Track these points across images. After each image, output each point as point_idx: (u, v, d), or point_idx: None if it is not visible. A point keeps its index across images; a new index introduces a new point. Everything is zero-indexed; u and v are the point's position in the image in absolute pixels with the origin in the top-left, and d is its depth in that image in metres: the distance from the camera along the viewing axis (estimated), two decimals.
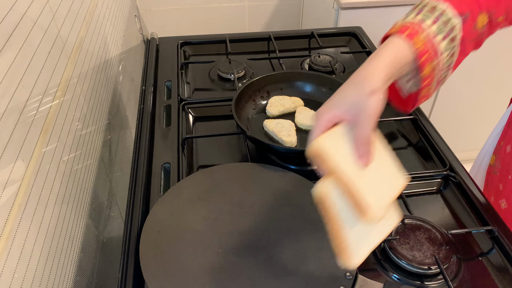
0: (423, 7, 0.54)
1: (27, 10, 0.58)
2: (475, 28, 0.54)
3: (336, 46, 1.19)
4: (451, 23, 0.52)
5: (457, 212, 0.72)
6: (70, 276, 0.63)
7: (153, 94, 0.97)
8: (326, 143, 0.46)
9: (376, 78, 0.46)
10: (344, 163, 0.45)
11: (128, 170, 0.79)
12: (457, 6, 0.53)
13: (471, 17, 0.54)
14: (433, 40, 0.52)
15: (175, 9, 1.83)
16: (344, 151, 0.46)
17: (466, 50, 0.55)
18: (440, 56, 0.52)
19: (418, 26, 0.52)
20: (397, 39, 0.51)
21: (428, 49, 0.51)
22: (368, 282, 0.55)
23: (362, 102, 0.46)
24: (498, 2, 0.55)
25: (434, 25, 0.52)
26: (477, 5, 0.54)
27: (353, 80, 0.48)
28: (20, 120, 0.52)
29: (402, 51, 0.50)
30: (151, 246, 0.58)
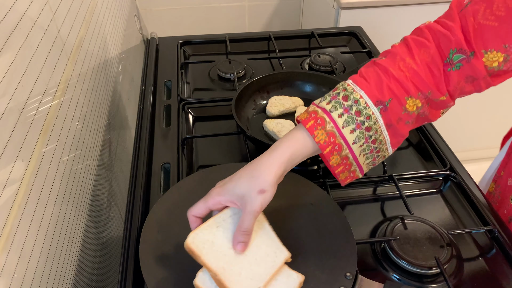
0: (338, 94, 0.53)
1: (27, 10, 0.58)
2: (406, 111, 0.52)
3: (336, 46, 1.19)
4: (366, 113, 0.51)
5: (457, 212, 0.72)
6: (70, 276, 0.63)
7: (153, 94, 0.97)
8: (197, 240, 0.51)
9: (267, 178, 0.50)
10: (213, 258, 0.50)
11: (128, 170, 0.79)
12: (375, 94, 0.51)
13: (395, 103, 0.52)
14: (340, 131, 0.51)
15: (175, 9, 1.83)
16: (220, 241, 0.51)
17: (402, 131, 0.54)
18: (351, 145, 0.52)
19: (325, 117, 0.52)
20: (301, 130, 0.52)
21: (332, 141, 0.51)
22: (368, 282, 0.55)
23: (250, 198, 0.50)
24: (436, 83, 0.52)
25: (343, 116, 0.51)
26: (403, 91, 0.52)
27: (249, 172, 0.51)
28: (20, 120, 0.52)
29: (304, 144, 0.52)
30: (151, 246, 0.58)
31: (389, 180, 0.75)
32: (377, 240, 0.65)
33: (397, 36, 1.73)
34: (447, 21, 0.52)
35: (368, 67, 0.54)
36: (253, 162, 0.52)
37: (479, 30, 0.50)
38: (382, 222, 0.69)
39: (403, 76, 0.51)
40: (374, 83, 0.52)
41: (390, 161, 0.81)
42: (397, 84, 0.51)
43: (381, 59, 0.54)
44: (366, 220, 0.70)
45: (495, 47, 0.49)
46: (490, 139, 2.05)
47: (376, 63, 0.54)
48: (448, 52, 0.51)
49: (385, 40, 1.42)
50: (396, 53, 0.53)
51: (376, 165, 0.57)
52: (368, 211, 0.72)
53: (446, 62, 0.52)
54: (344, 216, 0.62)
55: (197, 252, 0.50)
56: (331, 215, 0.63)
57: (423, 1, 1.49)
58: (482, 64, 0.50)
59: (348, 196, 0.74)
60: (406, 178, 0.76)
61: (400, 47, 0.54)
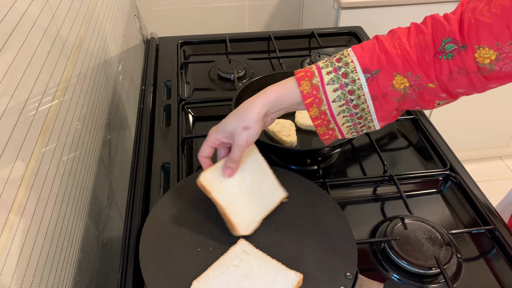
0: (334, 56, 0.57)
1: (27, 10, 0.58)
2: (393, 87, 0.54)
3: (336, 45, 1.19)
4: (351, 76, 0.54)
5: (457, 212, 0.72)
6: (70, 276, 0.63)
7: (153, 94, 0.97)
8: (208, 178, 0.60)
9: (251, 116, 0.57)
10: (220, 194, 0.60)
11: (128, 170, 0.79)
12: (364, 61, 0.54)
13: (382, 76, 0.54)
14: (324, 87, 0.55)
15: (175, 9, 1.83)
16: (227, 180, 0.61)
17: (388, 107, 0.56)
18: (331, 102, 0.55)
19: (315, 71, 0.55)
20: (291, 79, 0.57)
21: (314, 94, 0.55)
22: (368, 282, 0.55)
23: (237, 134, 0.58)
24: (425, 69, 0.53)
25: (330, 74, 0.55)
26: (392, 66, 0.54)
27: (236, 112, 0.58)
28: (20, 120, 0.52)
29: (290, 91, 0.57)
30: (150, 246, 0.58)
31: (389, 180, 0.75)
32: (377, 240, 0.65)
33: None
34: (449, 14, 0.54)
35: (370, 40, 0.57)
36: (242, 103, 0.59)
37: (474, 25, 0.50)
38: (382, 222, 0.69)
39: (394, 52, 0.53)
40: (367, 52, 0.55)
41: (390, 161, 0.81)
42: (387, 58, 0.54)
43: (383, 35, 0.57)
44: (366, 220, 0.70)
45: (488, 44, 0.50)
46: (491, 139, 2.05)
47: (377, 37, 0.56)
48: (441, 40, 0.52)
49: None
50: (396, 32, 0.56)
51: (360, 133, 0.59)
52: (368, 211, 0.72)
53: (439, 50, 0.53)
54: (344, 216, 0.62)
55: (208, 188, 0.59)
56: (331, 215, 0.63)
57: (423, 1, 1.50)
58: (473, 58, 0.51)
59: (348, 196, 0.74)
60: (406, 178, 0.76)
61: (402, 29, 0.56)
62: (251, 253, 0.57)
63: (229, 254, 0.57)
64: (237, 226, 0.58)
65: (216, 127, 0.60)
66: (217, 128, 0.60)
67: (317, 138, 0.81)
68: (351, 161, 0.82)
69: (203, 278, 0.54)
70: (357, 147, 0.85)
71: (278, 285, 0.53)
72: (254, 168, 0.64)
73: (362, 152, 0.83)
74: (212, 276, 0.54)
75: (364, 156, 0.83)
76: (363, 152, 0.84)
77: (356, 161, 0.82)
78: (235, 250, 0.57)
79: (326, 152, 0.78)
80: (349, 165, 0.81)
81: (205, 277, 0.54)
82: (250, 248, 0.57)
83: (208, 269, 0.55)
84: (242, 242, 0.58)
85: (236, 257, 0.56)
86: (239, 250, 0.57)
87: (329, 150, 0.75)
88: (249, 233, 0.59)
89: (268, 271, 0.55)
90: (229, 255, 0.56)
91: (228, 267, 0.55)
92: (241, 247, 0.57)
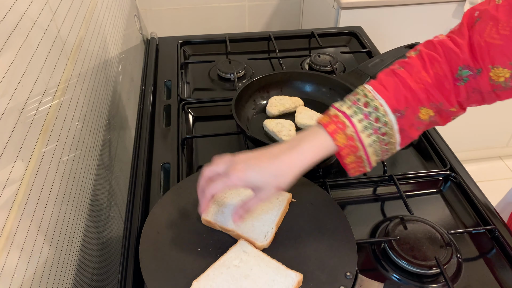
0: (358, 100, 0.56)
1: (27, 10, 0.58)
2: (419, 119, 0.57)
3: (336, 46, 1.19)
4: (383, 120, 0.55)
5: (457, 212, 0.72)
6: (70, 276, 0.63)
7: (153, 94, 0.97)
8: (210, 213, 0.62)
9: (289, 180, 0.54)
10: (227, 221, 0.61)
11: (128, 170, 0.79)
12: (393, 103, 0.55)
13: (410, 112, 0.56)
14: (359, 135, 0.55)
15: (175, 9, 1.83)
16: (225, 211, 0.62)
17: (412, 135, 0.58)
18: (367, 147, 0.55)
19: (346, 121, 0.55)
20: (322, 133, 0.55)
21: (351, 144, 0.55)
22: (368, 281, 0.55)
23: (267, 190, 0.54)
24: (447, 96, 0.56)
25: (363, 122, 0.55)
26: (417, 101, 0.55)
27: (272, 170, 0.54)
28: (20, 120, 0.52)
29: (326, 147, 0.55)
30: (150, 247, 0.58)
31: (389, 180, 0.75)
32: (377, 240, 0.65)
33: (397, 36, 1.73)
34: (457, 38, 0.56)
35: (388, 76, 0.57)
36: (275, 157, 0.54)
37: (485, 48, 0.53)
38: (382, 222, 0.69)
39: (418, 88, 0.55)
40: (393, 92, 0.55)
41: (390, 161, 0.81)
42: (413, 95, 0.55)
43: (400, 69, 0.57)
44: (366, 220, 0.70)
45: (501, 64, 0.52)
46: (491, 139, 2.05)
47: (395, 73, 0.57)
48: (457, 68, 0.55)
49: (385, 40, 1.43)
50: (414, 65, 0.56)
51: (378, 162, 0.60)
52: (368, 211, 0.72)
53: (456, 77, 0.55)
54: (344, 216, 0.62)
55: (213, 222, 0.61)
56: (331, 215, 0.63)
57: (423, 1, 1.49)
58: (488, 79, 0.54)
59: (348, 196, 0.74)
60: (406, 178, 0.76)
61: (416, 59, 0.57)
62: (251, 253, 0.57)
63: (229, 254, 0.57)
64: (255, 241, 0.58)
65: (243, 175, 0.53)
66: (244, 177, 0.53)
67: None
68: None
69: (203, 278, 0.54)
70: None
71: (278, 285, 0.53)
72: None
73: None
74: (212, 276, 0.54)
75: None
76: None
77: None
78: (235, 250, 0.57)
79: None
80: None
81: (205, 277, 0.54)
82: (250, 248, 0.58)
83: (208, 269, 0.55)
84: (242, 242, 0.58)
85: (236, 257, 0.56)
86: (239, 250, 0.57)
87: None
88: (268, 244, 0.58)
89: (268, 271, 0.55)
90: (229, 255, 0.56)
91: (228, 267, 0.55)
92: (241, 247, 0.57)
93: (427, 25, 1.56)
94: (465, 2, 1.51)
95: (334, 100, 0.87)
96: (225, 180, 0.54)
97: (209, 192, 0.55)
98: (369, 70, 0.89)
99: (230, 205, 0.63)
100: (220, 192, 0.56)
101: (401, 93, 0.55)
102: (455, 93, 0.56)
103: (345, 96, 0.59)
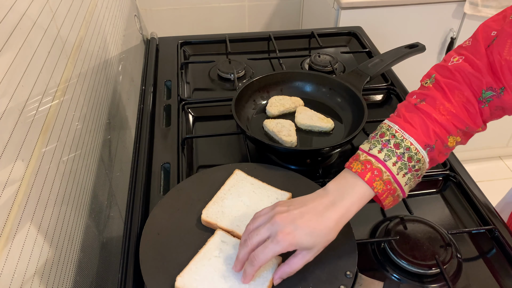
0: (388, 141, 0.56)
1: (27, 10, 0.58)
2: (447, 147, 0.58)
3: (336, 46, 1.19)
4: (416, 158, 0.55)
5: (457, 212, 0.72)
6: (70, 276, 0.63)
7: (153, 94, 0.97)
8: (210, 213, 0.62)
9: (332, 237, 0.53)
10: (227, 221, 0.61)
11: (128, 170, 0.79)
12: (423, 139, 0.55)
13: (439, 143, 0.56)
14: (395, 178, 0.55)
15: (175, 9, 1.83)
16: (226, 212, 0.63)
17: (440, 161, 0.60)
18: (403, 187, 0.56)
19: (381, 167, 0.55)
20: (359, 183, 0.55)
21: (389, 188, 0.55)
22: (368, 281, 0.55)
23: (314, 249, 0.52)
24: (473, 120, 0.57)
25: (397, 164, 0.55)
26: (445, 132, 0.56)
27: (319, 230, 0.52)
28: (20, 120, 0.52)
29: (366, 198, 0.55)
30: (151, 248, 0.58)
31: None
32: (377, 240, 0.65)
33: (397, 36, 1.73)
34: (475, 59, 0.57)
35: (411, 112, 0.57)
36: (321, 215, 0.53)
37: (505, 66, 0.54)
38: (382, 222, 0.69)
39: (444, 120, 0.56)
40: (420, 129, 0.56)
41: None
42: (440, 128, 0.56)
43: (421, 103, 0.57)
44: (366, 220, 0.70)
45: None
46: (491, 139, 2.05)
47: (418, 108, 0.57)
48: (481, 92, 0.56)
49: (385, 40, 1.43)
50: (435, 98, 0.57)
51: None
52: (368, 211, 0.72)
53: (480, 100, 0.57)
54: None
55: (213, 222, 0.61)
56: None
57: (423, 1, 1.50)
58: (511, 96, 0.55)
59: None
60: None
61: (435, 90, 0.58)
62: (229, 243, 0.58)
63: (208, 245, 0.57)
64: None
65: (293, 239, 0.51)
66: (295, 242, 0.51)
67: (317, 138, 0.81)
68: None
69: (186, 272, 0.54)
70: (357, 147, 0.84)
71: (261, 272, 0.54)
72: (248, 189, 0.66)
73: None
74: (194, 269, 0.54)
75: None
76: None
77: None
78: (213, 241, 0.58)
79: (326, 152, 0.78)
80: None
81: (187, 271, 0.54)
82: (228, 237, 0.59)
83: (190, 263, 0.55)
84: (219, 232, 0.59)
85: (215, 248, 0.57)
86: (217, 240, 0.58)
87: (329, 150, 0.75)
88: None
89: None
90: (209, 247, 0.57)
91: (209, 259, 0.56)
92: (219, 238, 0.58)
93: (427, 25, 1.57)
94: (465, 2, 1.51)
95: (334, 100, 0.87)
96: (273, 248, 0.51)
97: (259, 263, 0.51)
98: (369, 70, 0.89)
99: (230, 205, 0.63)
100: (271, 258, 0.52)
101: (429, 129, 0.56)
102: (480, 115, 0.57)
103: (369, 136, 0.59)
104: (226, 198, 0.64)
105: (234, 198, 0.64)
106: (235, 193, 0.65)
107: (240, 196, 0.65)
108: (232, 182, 0.67)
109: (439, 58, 1.68)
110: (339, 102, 0.87)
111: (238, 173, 0.68)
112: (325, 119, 0.82)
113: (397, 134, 0.56)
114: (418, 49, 0.94)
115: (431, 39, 1.61)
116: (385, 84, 0.99)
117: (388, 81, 1.00)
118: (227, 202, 0.64)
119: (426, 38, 1.55)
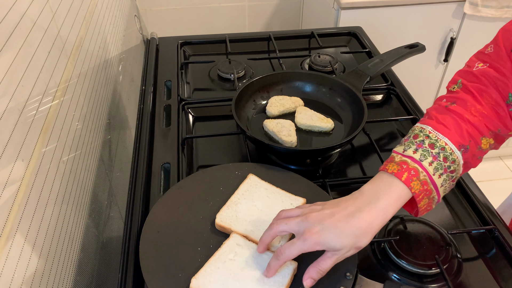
0: (422, 142, 0.55)
1: (27, 10, 0.58)
2: (480, 149, 0.58)
3: (336, 46, 1.19)
4: (451, 158, 0.55)
5: (457, 212, 0.72)
6: (70, 276, 0.63)
7: (153, 94, 0.97)
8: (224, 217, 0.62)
9: (369, 239, 0.51)
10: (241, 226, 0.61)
11: (128, 170, 0.79)
12: (457, 139, 0.55)
13: (473, 144, 0.56)
14: (432, 178, 0.54)
15: (175, 9, 1.83)
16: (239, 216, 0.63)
17: (473, 165, 0.59)
18: (439, 188, 0.55)
19: (418, 167, 0.54)
20: (396, 183, 0.53)
21: (425, 189, 0.54)
22: (368, 282, 0.55)
23: (345, 251, 0.51)
24: (504, 122, 0.57)
25: (433, 164, 0.54)
26: (478, 133, 0.57)
27: (354, 231, 0.50)
28: (20, 120, 0.52)
29: (403, 198, 0.54)
30: (151, 246, 0.58)
31: None
32: (377, 240, 0.65)
33: (397, 36, 1.73)
34: (499, 66, 0.58)
35: (443, 114, 0.58)
36: (352, 215, 0.51)
37: None
38: None
39: (477, 120, 0.56)
40: (454, 129, 0.56)
41: None
42: (473, 128, 0.56)
43: (452, 105, 0.58)
44: None
45: None
46: None
47: (449, 109, 0.58)
48: (507, 95, 0.57)
49: (385, 40, 1.43)
50: (465, 100, 0.58)
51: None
52: None
53: (507, 103, 0.57)
54: None
55: (227, 226, 0.60)
56: None
57: (423, 1, 1.50)
58: None
59: None
60: None
61: (464, 93, 0.59)
62: (244, 246, 0.58)
63: (224, 248, 0.57)
64: (269, 246, 0.57)
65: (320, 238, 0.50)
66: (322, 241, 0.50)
67: (317, 138, 0.81)
68: (351, 161, 0.82)
69: (201, 274, 0.54)
70: (357, 147, 0.85)
71: (274, 275, 0.54)
72: (262, 194, 0.66)
73: (362, 152, 0.83)
74: (209, 271, 0.54)
75: (364, 156, 0.83)
76: (363, 152, 0.84)
77: (356, 161, 0.82)
78: (229, 244, 0.58)
79: (326, 152, 0.78)
80: (349, 165, 0.81)
81: (202, 273, 0.54)
82: (242, 241, 0.58)
83: (205, 265, 0.55)
84: (235, 235, 0.59)
85: (230, 251, 0.57)
86: (232, 243, 0.58)
87: (329, 150, 0.75)
88: None
89: (262, 262, 0.55)
90: (224, 250, 0.57)
91: (224, 262, 0.56)
92: (234, 241, 0.58)
93: (427, 25, 1.57)
94: (465, 2, 1.51)
95: (334, 100, 0.87)
96: (300, 245, 0.51)
97: (284, 258, 0.51)
98: (369, 70, 0.89)
99: (244, 210, 0.63)
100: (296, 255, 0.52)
101: (462, 129, 0.56)
102: (510, 118, 0.58)
103: (401, 140, 0.59)
104: (240, 203, 0.64)
105: (248, 202, 0.64)
106: (249, 197, 0.65)
107: (254, 201, 0.65)
108: (246, 187, 0.67)
109: (439, 58, 1.68)
110: (339, 102, 0.87)
111: (252, 178, 0.68)
112: (325, 119, 0.82)
113: (431, 134, 0.56)
114: (418, 49, 0.94)
115: (431, 39, 1.61)
116: (385, 84, 0.99)
117: (388, 81, 1.00)
118: (241, 206, 0.63)
119: (426, 38, 1.56)
